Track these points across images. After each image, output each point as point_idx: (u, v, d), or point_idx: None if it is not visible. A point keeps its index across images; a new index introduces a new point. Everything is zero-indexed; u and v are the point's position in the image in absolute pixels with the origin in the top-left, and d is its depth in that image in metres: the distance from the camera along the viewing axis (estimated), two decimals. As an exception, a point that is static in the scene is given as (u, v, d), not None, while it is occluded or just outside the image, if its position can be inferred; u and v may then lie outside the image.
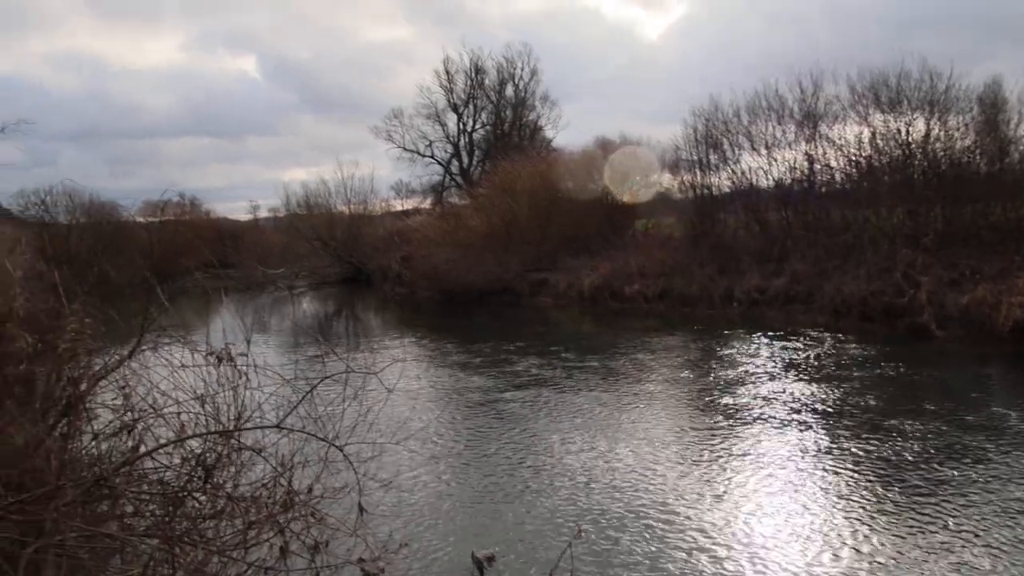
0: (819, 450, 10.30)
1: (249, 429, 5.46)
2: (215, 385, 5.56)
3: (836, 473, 9.40)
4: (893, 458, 9.78)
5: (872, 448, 10.21)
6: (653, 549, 7.43)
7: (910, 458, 9.74)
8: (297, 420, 5.58)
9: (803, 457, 10.06)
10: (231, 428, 5.40)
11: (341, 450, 5.69)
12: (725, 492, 8.92)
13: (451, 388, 15.32)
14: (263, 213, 61.21)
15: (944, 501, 8.30)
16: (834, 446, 10.42)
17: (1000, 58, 58.69)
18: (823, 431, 11.15)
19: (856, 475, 9.27)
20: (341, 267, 44.84)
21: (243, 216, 64.59)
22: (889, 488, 8.78)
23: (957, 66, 23.20)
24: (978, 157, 22.84)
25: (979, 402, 12.49)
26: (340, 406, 5.91)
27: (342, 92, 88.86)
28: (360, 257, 44.09)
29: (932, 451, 9.95)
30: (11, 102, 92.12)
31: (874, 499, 8.49)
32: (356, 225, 45.69)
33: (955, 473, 9.13)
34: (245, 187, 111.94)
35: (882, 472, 9.32)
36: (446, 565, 7.20)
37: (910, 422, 11.30)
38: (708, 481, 9.30)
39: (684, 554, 7.30)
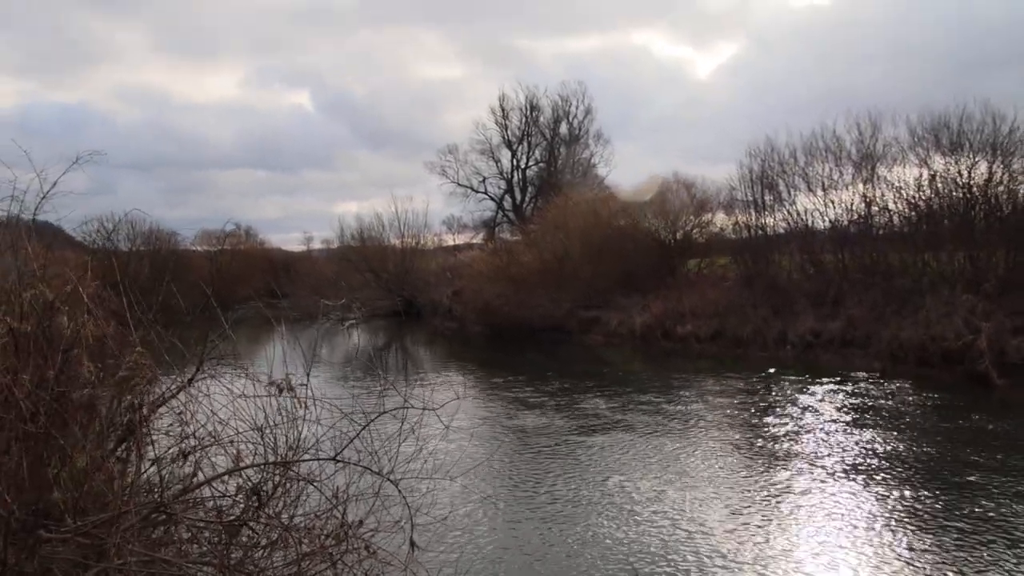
0: (876, 502, 10.08)
1: (305, 460, 5.48)
2: (273, 415, 5.60)
3: (895, 525, 9.19)
4: (951, 510, 9.52)
5: (929, 500, 9.96)
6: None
7: (970, 510, 9.47)
8: (352, 453, 5.58)
9: (860, 510, 9.84)
10: (287, 459, 5.42)
11: (396, 484, 5.68)
12: (778, 543, 8.78)
13: (503, 425, 15.30)
14: (316, 244, 62.08)
15: (1004, 552, 8.06)
16: (890, 497, 10.19)
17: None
18: (879, 482, 10.90)
19: (913, 527, 9.06)
20: (392, 300, 45.10)
21: (297, 247, 65.56)
22: (929, 536, 8.55)
23: (1020, 108, 22.77)
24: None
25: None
26: (395, 440, 5.91)
27: (395, 128, 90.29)
28: (411, 290, 44.34)
29: (991, 503, 9.67)
30: (78, 130, 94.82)
31: (914, 547, 8.30)
32: (408, 258, 46.05)
33: (999, 523, 8.86)
34: (299, 219, 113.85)
35: (941, 524, 9.08)
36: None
37: (970, 473, 11.01)
38: (762, 530, 9.15)
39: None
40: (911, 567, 7.89)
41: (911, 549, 8.37)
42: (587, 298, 32.09)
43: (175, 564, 4.74)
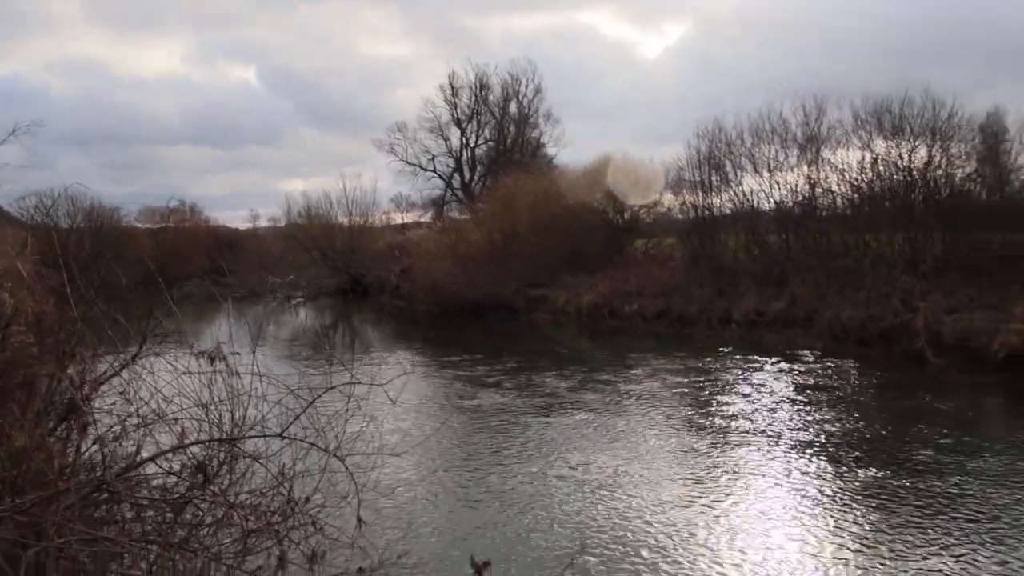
0: (812, 474, 10.32)
1: (251, 437, 5.44)
2: (219, 392, 5.55)
3: (828, 496, 9.44)
4: (882, 483, 9.78)
5: (873, 475, 10.21)
6: (648, 562, 7.44)
7: (900, 483, 9.74)
8: (299, 429, 5.56)
9: (797, 480, 10.09)
10: (233, 436, 5.38)
11: (342, 460, 5.67)
12: (721, 513, 8.93)
13: (450, 402, 15.33)
14: (263, 222, 61.34)
15: (933, 524, 8.31)
16: (826, 471, 10.45)
17: (1002, 88, 59.05)
18: (816, 455, 11.15)
19: (846, 499, 9.29)
20: (339, 278, 44.80)
21: (243, 225, 64.72)
22: (878, 512, 8.79)
23: (959, 95, 23.29)
24: (978, 186, 22.92)
25: (969, 429, 12.52)
26: (342, 417, 5.89)
27: (343, 105, 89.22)
28: (359, 269, 44.08)
29: (923, 477, 9.95)
30: (12, 105, 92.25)
31: (864, 523, 8.52)
32: (356, 237, 45.75)
33: (943, 497, 9.13)
34: (245, 196, 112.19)
35: (871, 496, 9.33)
36: (443, 573, 7.19)
37: (909, 450, 11.31)
38: (703, 502, 9.31)
39: (678, 569, 7.29)
40: (860, 541, 8.07)
41: (859, 524, 8.57)
42: (535, 277, 32.18)
43: (117, 543, 4.69)
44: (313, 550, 5.48)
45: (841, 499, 9.33)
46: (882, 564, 7.44)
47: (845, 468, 10.48)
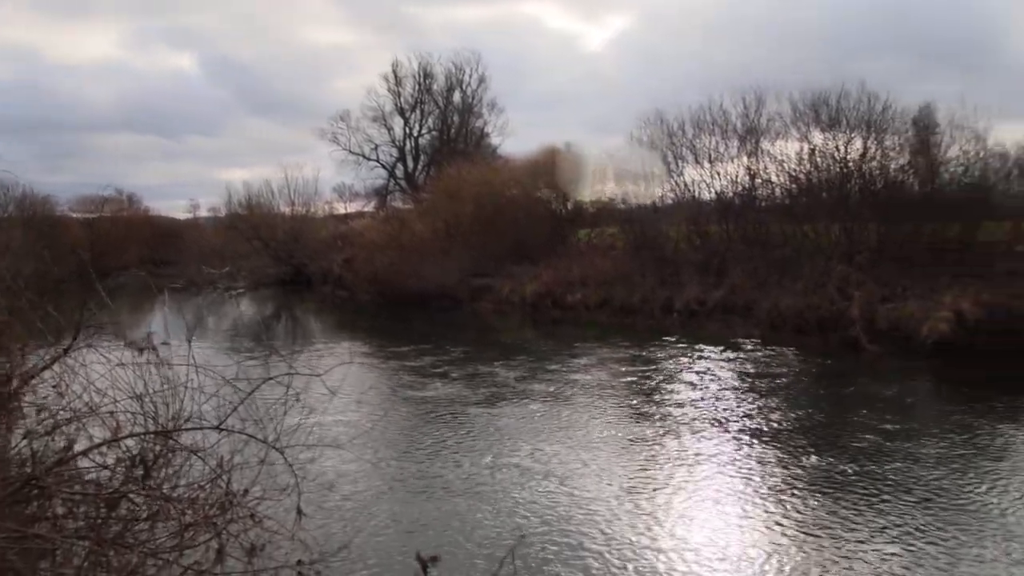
0: (757, 461, 10.50)
1: (188, 429, 5.37)
2: (153, 384, 5.46)
3: (772, 483, 9.59)
4: (825, 468, 9.99)
5: (804, 459, 10.43)
6: (591, 551, 7.50)
7: (842, 468, 9.95)
8: (237, 421, 5.50)
9: (742, 467, 10.23)
10: (169, 428, 5.30)
11: (281, 452, 5.62)
12: (664, 501, 9.03)
13: (391, 391, 15.26)
14: (203, 212, 60.41)
15: (877, 507, 8.51)
16: (770, 457, 10.63)
17: (933, 83, 60.51)
18: (760, 442, 11.34)
19: (790, 484, 9.46)
20: (281, 269, 44.33)
21: (183, 215, 63.69)
22: (822, 497, 8.97)
23: (893, 89, 23.82)
24: (911, 177, 23.44)
25: (905, 415, 12.86)
26: (281, 408, 5.83)
27: (284, 94, 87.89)
28: (301, 259, 43.65)
29: (864, 461, 10.18)
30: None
31: (809, 508, 8.67)
32: (298, 227, 45.28)
33: (868, 478, 9.36)
34: (185, 185, 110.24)
35: (815, 482, 9.52)
36: (385, 567, 7.18)
37: (842, 434, 11.59)
38: (644, 488, 9.41)
39: (620, 558, 7.37)
40: (805, 527, 8.21)
41: (803, 509, 8.70)
42: (479, 267, 32.16)
43: (48, 539, 4.59)
44: (252, 543, 5.43)
45: (785, 485, 9.49)
46: (828, 548, 7.60)
47: (788, 454, 10.67)
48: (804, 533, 7.95)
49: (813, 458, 10.41)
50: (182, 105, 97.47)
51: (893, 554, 7.40)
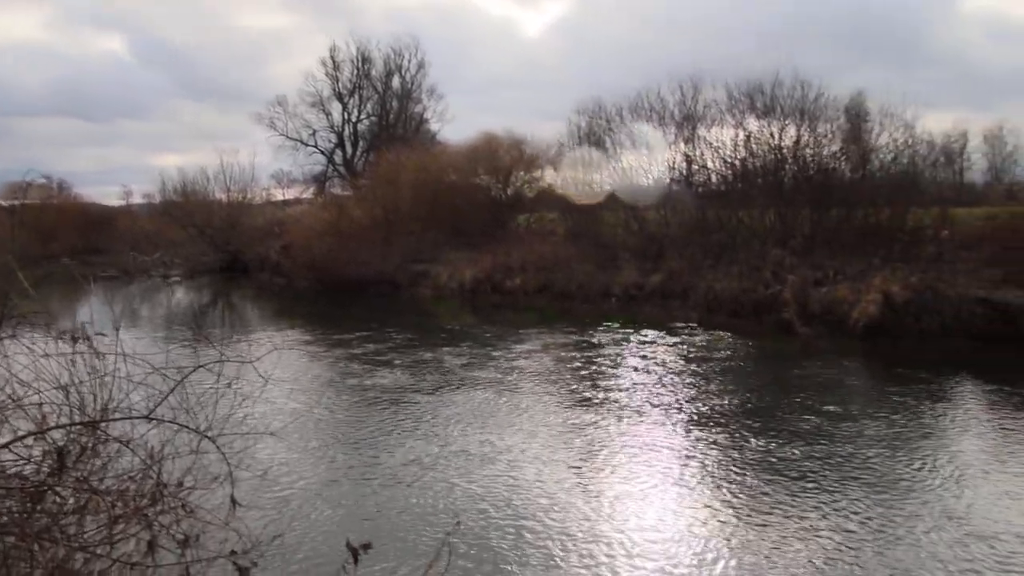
0: (689, 443, 10.62)
1: (116, 420, 5.28)
2: (81, 375, 5.35)
3: (704, 464, 9.72)
4: (753, 447, 10.18)
5: (734, 439, 10.61)
6: (529, 538, 7.54)
7: (767, 447, 10.15)
8: (168, 410, 5.41)
9: (675, 449, 10.36)
10: (97, 419, 5.21)
11: (213, 441, 5.55)
12: (597, 484, 9.10)
13: (326, 377, 15.13)
14: (137, 199, 59.15)
15: (802, 486, 8.71)
16: (702, 439, 10.76)
17: (865, 72, 61.90)
18: (693, 425, 11.49)
19: (722, 465, 9.62)
20: (218, 256, 43.68)
21: (115, 201, 62.29)
22: (749, 475, 9.14)
23: (826, 78, 24.36)
24: (843, 164, 23.96)
25: (840, 396, 13.16)
26: (213, 396, 5.76)
27: (219, 78, 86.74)
28: (238, 246, 43.06)
29: (788, 440, 10.40)
30: None
31: (736, 486, 8.84)
32: (235, 213, 44.60)
33: (806, 460, 9.57)
34: (117, 172, 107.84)
35: (742, 460, 9.70)
36: (320, 555, 7.14)
37: (772, 415, 11.81)
38: (581, 473, 9.47)
39: (559, 544, 7.43)
40: (739, 509, 8.36)
41: (738, 492, 8.86)
42: (418, 253, 32.12)
43: (-31, 533, 4.49)
44: (185, 534, 5.36)
45: (724, 468, 9.61)
46: (767, 529, 7.74)
47: (726, 437, 10.81)
48: (742, 514, 8.08)
49: (750, 440, 10.58)
50: (113, 89, 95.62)
51: (830, 533, 7.58)
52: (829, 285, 19.75)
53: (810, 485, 8.85)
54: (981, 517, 7.89)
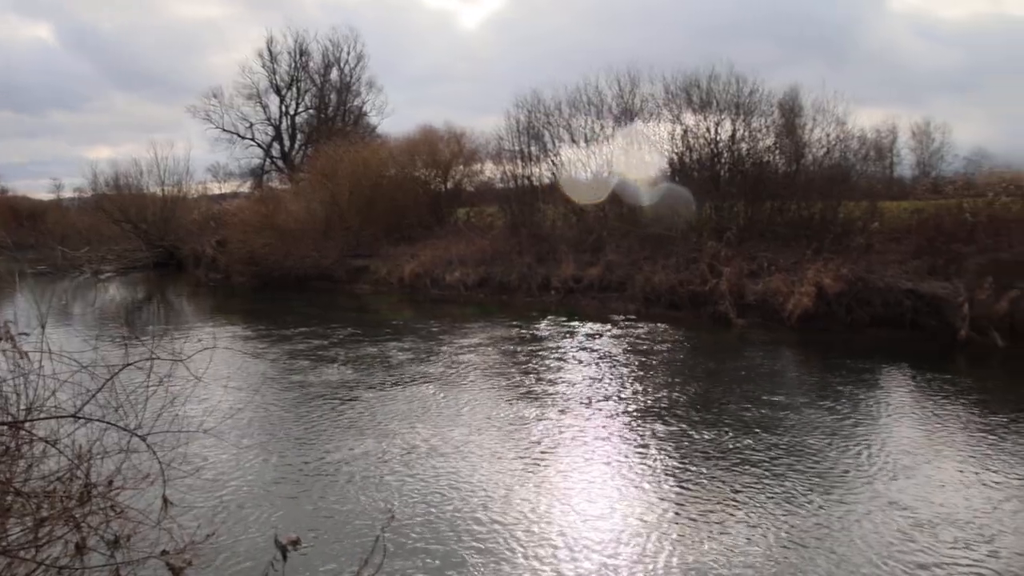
0: (627, 434, 10.72)
1: (41, 419, 5.18)
2: (3, 373, 5.24)
3: (642, 456, 9.82)
4: (692, 439, 10.32)
5: (673, 431, 10.74)
6: (469, 533, 7.55)
7: (707, 438, 10.31)
8: (96, 409, 5.32)
9: (612, 441, 10.45)
10: (21, 419, 5.10)
11: (144, 439, 5.47)
12: (539, 478, 9.14)
13: (262, 374, 14.93)
14: (67, 193, 57.90)
15: (740, 476, 8.87)
16: (640, 431, 10.86)
17: (799, 67, 63.17)
18: (631, 416, 11.59)
19: (662, 457, 9.73)
20: (152, 251, 42.88)
21: (45, 195, 60.88)
22: (686, 464, 9.28)
23: (760, 73, 24.76)
24: (777, 158, 24.38)
25: (770, 386, 13.42)
26: (144, 394, 5.67)
27: (152, 68, 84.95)
28: (173, 241, 42.31)
29: (728, 431, 10.57)
30: None
31: (675, 476, 8.96)
32: (169, 207, 43.80)
33: (747, 449, 9.75)
34: (47, 164, 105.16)
35: (680, 450, 9.84)
36: (254, 552, 7.07)
37: (710, 406, 11.99)
38: (522, 467, 9.49)
39: (497, 537, 7.46)
40: (679, 501, 8.46)
41: (677, 484, 8.96)
42: (357, 247, 31.95)
43: None
44: (115, 535, 5.28)
45: (663, 460, 9.71)
46: (705, 519, 7.86)
47: (665, 429, 10.90)
48: (685, 506, 8.18)
49: (691, 431, 10.71)
50: (42, 78, 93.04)
51: (772, 522, 7.72)
52: (764, 277, 20.11)
53: (751, 474, 9.01)
54: (917, 502, 8.11)
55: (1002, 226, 17.98)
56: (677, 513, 7.97)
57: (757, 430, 10.63)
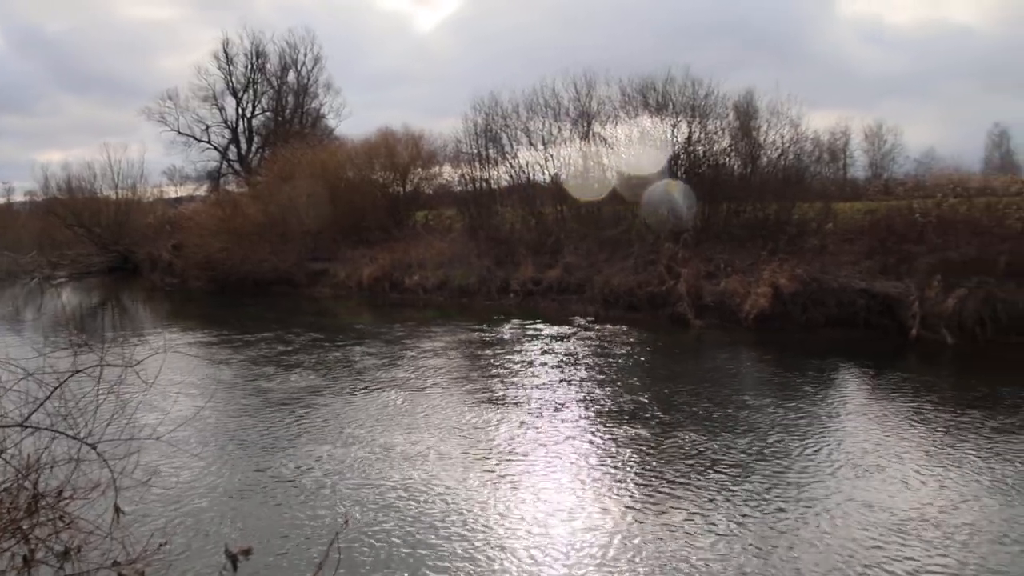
0: (589, 437, 10.75)
1: (-14, 429, 5.10)
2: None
3: (602, 457, 9.87)
4: (652, 440, 10.38)
5: (633, 431, 10.80)
6: (423, 540, 7.52)
7: (668, 439, 10.38)
8: (44, 417, 5.26)
9: (571, 443, 10.47)
10: (-36, 429, 5.02)
11: (94, 447, 5.40)
12: (494, 482, 9.12)
13: (218, 380, 14.73)
14: (18, 197, 56.90)
15: (702, 477, 8.94)
16: (601, 433, 10.91)
17: (753, 70, 63.99)
18: (591, 419, 11.63)
19: (619, 457, 9.78)
20: (107, 256, 42.29)
21: (-5, 199, 59.82)
22: (648, 466, 9.33)
23: (716, 76, 24.99)
24: (733, 160, 24.64)
25: (728, 386, 13.55)
26: (94, 402, 5.60)
27: (103, 70, 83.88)
28: (128, 245, 41.76)
29: (690, 433, 10.65)
30: None
31: (636, 478, 9.00)
32: (124, 211, 43.23)
33: (709, 451, 9.84)
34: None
35: (642, 451, 9.89)
36: (208, 562, 6.99)
37: (670, 408, 12.07)
38: (475, 469, 9.48)
39: (451, 541, 7.44)
40: (647, 502, 8.50)
41: (636, 487, 9.00)
42: (316, 251, 31.76)
43: None
44: (65, 546, 5.21)
45: (628, 461, 9.75)
46: (665, 522, 7.90)
47: (630, 430, 10.93)
48: (647, 507, 8.22)
49: (652, 433, 10.75)
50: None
51: (735, 524, 7.79)
52: (721, 278, 20.31)
53: (712, 476, 9.06)
54: (877, 500, 8.23)
55: (950, 226, 18.34)
56: (638, 518, 7.97)
57: (717, 431, 10.71)
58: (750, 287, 19.08)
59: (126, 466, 5.71)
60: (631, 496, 8.54)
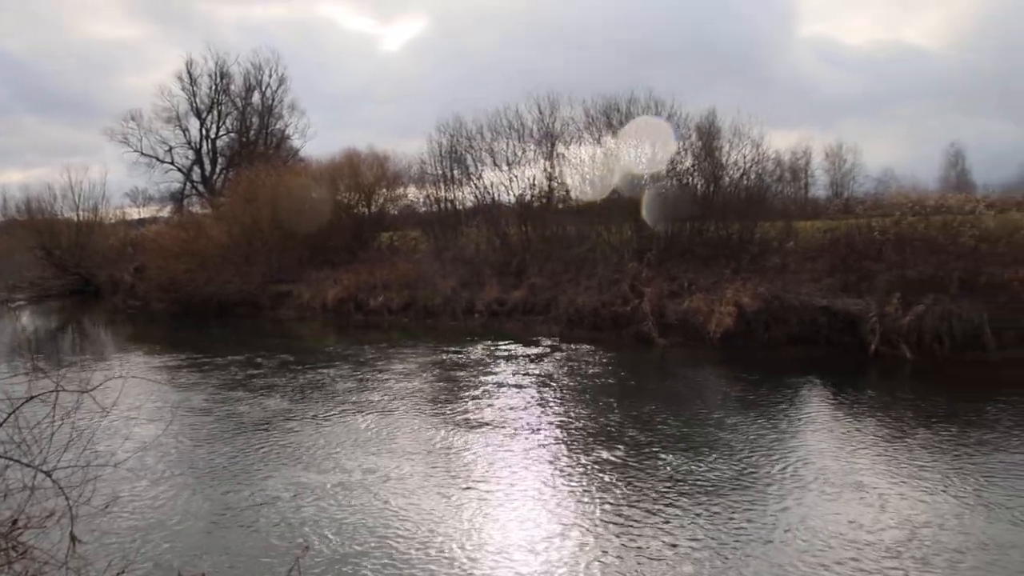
0: (556, 458, 10.78)
1: (-62, 458, 5.03)
2: None
3: (568, 478, 9.90)
4: (618, 459, 10.43)
5: (599, 452, 10.84)
6: (385, 563, 7.50)
7: (634, 459, 10.43)
8: (-3, 445, 5.19)
9: (532, 463, 10.50)
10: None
11: (49, 475, 5.34)
12: (459, 504, 9.13)
13: (177, 405, 14.53)
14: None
15: (667, 496, 8.98)
16: (568, 454, 10.95)
17: (716, 91, 64.81)
18: (555, 439, 11.67)
19: (586, 477, 9.83)
20: (67, 279, 41.74)
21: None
22: (613, 485, 9.38)
23: (679, 97, 25.21)
24: (695, 179, 24.83)
25: (693, 405, 13.64)
26: (49, 428, 5.54)
27: (64, 90, 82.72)
28: (89, 267, 41.25)
29: (651, 451, 10.71)
30: None
31: (603, 497, 9.05)
32: (85, 233, 42.73)
33: (674, 469, 9.89)
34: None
35: (607, 471, 9.93)
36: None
37: (634, 425, 12.12)
38: (439, 493, 9.47)
39: (414, 567, 7.42)
40: (614, 522, 8.53)
41: (611, 504, 9.04)
42: (280, 273, 31.55)
43: None
44: (20, 576, 5.14)
45: (595, 481, 9.82)
46: (628, 542, 7.93)
47: (597, 450, 11.02)
48: (613, 527, 8.28)
49: (618, 453, 10.81)
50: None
51: (699, 541, 7.85)
52: (685, 296, 20.45)
53: (678, 492, 9.15)
54: (839, 513, 8.36)
55: (908, 244, 18.65)
56: (603, 541, 8.01)
57: (684, 450, 10.79)
58: (714, 305, 19.25)
59: (83, 494, 5.65)
60: (599, 519, 8.56)
